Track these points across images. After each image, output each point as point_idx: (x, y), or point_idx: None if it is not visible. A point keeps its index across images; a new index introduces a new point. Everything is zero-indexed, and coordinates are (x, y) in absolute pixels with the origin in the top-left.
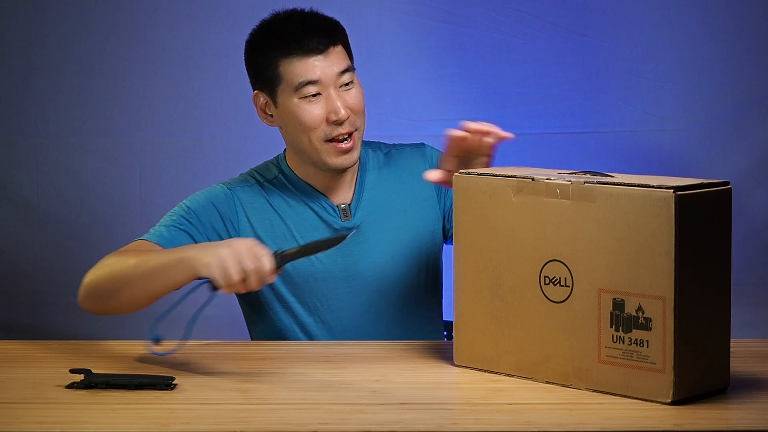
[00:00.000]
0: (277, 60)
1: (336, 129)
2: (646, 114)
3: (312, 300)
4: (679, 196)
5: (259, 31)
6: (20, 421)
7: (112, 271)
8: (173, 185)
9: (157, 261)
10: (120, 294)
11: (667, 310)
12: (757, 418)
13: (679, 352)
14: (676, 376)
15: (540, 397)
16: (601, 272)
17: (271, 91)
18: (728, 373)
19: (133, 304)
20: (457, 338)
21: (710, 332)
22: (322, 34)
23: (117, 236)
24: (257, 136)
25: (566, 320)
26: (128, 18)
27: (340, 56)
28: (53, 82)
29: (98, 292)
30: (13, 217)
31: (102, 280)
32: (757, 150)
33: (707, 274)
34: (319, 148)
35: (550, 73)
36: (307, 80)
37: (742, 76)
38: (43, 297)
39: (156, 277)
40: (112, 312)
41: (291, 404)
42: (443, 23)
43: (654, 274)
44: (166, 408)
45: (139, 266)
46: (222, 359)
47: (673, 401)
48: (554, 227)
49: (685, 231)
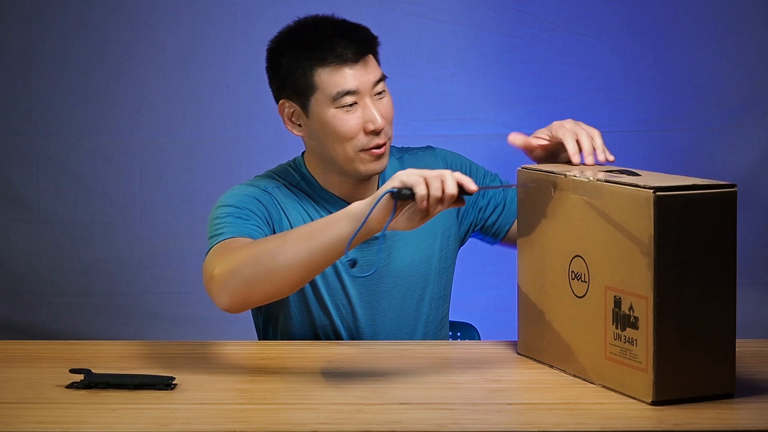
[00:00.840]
0: (312, 69)
1: (373, 139)
2: (646, 114)
3: (337, 304)
4: (658, 196)
5: (286, 38)
6: (20, 421)
7: (255, 252)
8: (173, 185)
9: (314, 224)
10: (272, 272)
11: (649, 310)
12: (758, 418)
13: (659, 352)
14: (655, 376)
15: (540, 397)
16: (607, 269)
17: (302, 100)
18: (733, 379)
19: (286, 278)
20: (519, 329)
21: (704, 335)
22: (358, 43)
23: (117, 236)
24: (257, 136)
25: (585, 315)
26: (128, 18)
27: (374, 65)
28: (53, 82)
29: (243, 276)
30: (13, 217)
31: (245, 262)
32: (757, 150)
33: (700, 276)
34: (354, 158)
35: (550, 73)
36: (346, 90)
37: (742, 76)
38: (43, 297)
39: (317, 236)
40: (259, 298)
41: (291, 404)
42: (443, 23)
43: (639, 274)
44: (166, 408)
45: (288, 236)
46: (222, 359)
47: (653, 401)
48: (578, 223)
49: (666, 231)
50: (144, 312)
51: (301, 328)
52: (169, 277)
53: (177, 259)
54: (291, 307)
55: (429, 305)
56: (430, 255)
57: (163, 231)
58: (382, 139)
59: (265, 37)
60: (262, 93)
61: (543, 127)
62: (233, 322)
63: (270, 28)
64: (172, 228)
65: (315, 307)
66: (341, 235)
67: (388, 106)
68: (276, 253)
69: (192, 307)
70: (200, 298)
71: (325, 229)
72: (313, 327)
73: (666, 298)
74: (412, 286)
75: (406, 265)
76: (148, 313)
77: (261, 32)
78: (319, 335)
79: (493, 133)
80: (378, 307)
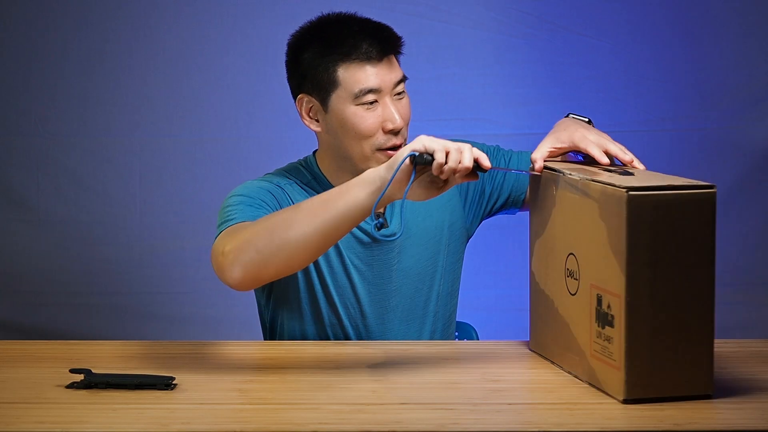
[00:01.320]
0: (335, 65)
1: (391, 139)
2: (646, 114)
3: (345, 303)
4: (630, 196)
5: (308, 33)
6: (20, 421)
7: (268, 224)
8: (173, 185)
9: (327, 193)
10: (286, 242)
11: (622, 308)
12: (758, 418)
13: (629, 350)
14: (626, 374)
15: (540, 397)
16: (592, 268)
17: (322, 96)
18: (711, 380)
19: (300, 248)
20: (530, 325)
21: (679, 336)
22: (383, 42)
23: (117, 236)
24: (257, 136)
25: (576, 313)
26: (128, 18)
27: (397, 65)
28: (53, 82)
29: (257, 248)
30: (13, 217)
31: (258, 234)
32: (757, 150)
33: (675, 276)
34: (370, 156)
35: (550, 73)
36: (368, 88)
37: (742, 76)
38: (43, 297)
39: (332, 203)
40: (270, 273)
41: (291, 404)
42: (443, 23)
43: (615, 272)
44: (166, 408)
45: (302, 206)
46: (222, 359)
47: (625, 399)
48: (572, 221)
49: (638, 231)
50: (144, 312)
51: (311, 326)
52: (169, 277)
53: (177, 259)
54: (302, 304)
55: (437, 302)
56: (437, 251)
57: (163, 231)
58: (399, 140)
59: (265, 37)
60: (262, 93)
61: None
62: (234, 322)
63: (270, 28)
64: (172, 228)
65: (324, 305)
66: (357, 201)
67: (406, 107)
68: (290, 223)
69: (192, 307)
70: (200, 298)
71: (341, 196)
72: (322, 325)
73: (638, 297)
74: (420, 283)
75: (414, 262)
76: (148, 313)
77: (261, 32)
78: (328, 334)
79: (494, 133)
80: (386, 306)
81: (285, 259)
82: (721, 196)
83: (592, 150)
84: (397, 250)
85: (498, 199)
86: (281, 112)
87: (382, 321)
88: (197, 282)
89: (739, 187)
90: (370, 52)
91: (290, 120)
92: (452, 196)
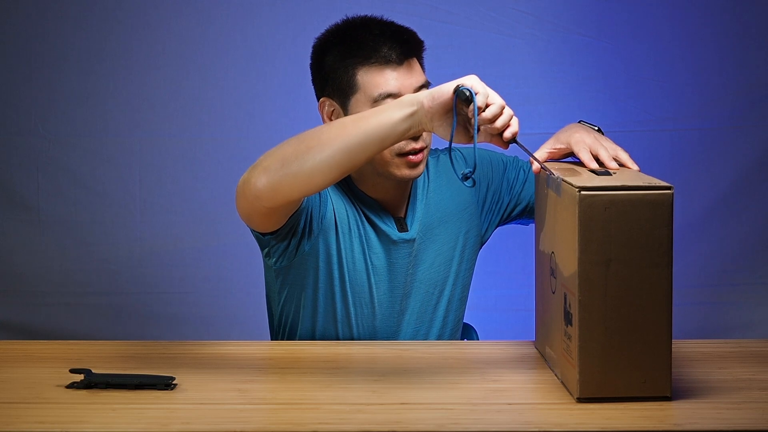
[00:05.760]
0: (355, 68)
1: (410, 144)
2: (646, 114)
3: (357, 302)
4: (582, 195)
5: (332, 36)
6: (20, 421)
7: (299, 135)
8: (173, 185)
9: (362, 112)
10: (312, 150)
11: (577, 307)
12: (758, 417)
13: (582, 348)
14: (579, 373)
15: (540, 397)
16: (564, 266)
17: (343, 99)
18: (668, 381)
19: (326, 160)
20: (535, 323)
21: (634, 336)
22: (403, 45)
23: (117, 236)
24: (257, 136)
25: (555, 311)
26: (128, 17)
27: (419, 70)
28: (53, 82)
29: (283, 154)
30: (13, 217)
31: (287, 143)
32: (757, 150)
33: (629, 276)
34: (390, 161)
35: (550, 73)
36: (387, 93)
37: (742, 76)
38: (43, 297)
39: (365, 119)
40: (291, 185)
41: (291, 404)
42: (443, 23)
43: (574, 271)
44: (166, 408)
45: (334, 122)
46: (222, 359)
47: (578, 398)
48: (552, 220)
49: (589, 230)
50: (144, 312)
51: (321, 319)
52: (169, 277)
53: (177, 259)
54: (318, 294)
55: (447, 308)
56: (451, 258)
57: (163, 231)
58: (419, 144)
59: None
60: (262, 93)
61: (553, 137)
62: (234, 322)
63: (270, 28)
64: (172, 228)
65: (339, 300)
66: (390, 119)
67: None
68: (320, 132)
69: (192, 307)
70: (200, 298)
71: (374, 114)
72: (333, 320)
73: (590, 296)
74: (432, 288)
75: (428, 267)
76: (148, 313)
77: (261, 32)
78: (336, 330)
79: None
80: (397, 309)
81: (307, 171)
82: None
83: (581, 154)
84: (414, 255)
85: (515, 208)
86: (281, 112)
87: (391, 323)
88: (197, 282)
89: (739, 187)
90: (389, 55)
91: (290, 120)
92: (470, 204)
